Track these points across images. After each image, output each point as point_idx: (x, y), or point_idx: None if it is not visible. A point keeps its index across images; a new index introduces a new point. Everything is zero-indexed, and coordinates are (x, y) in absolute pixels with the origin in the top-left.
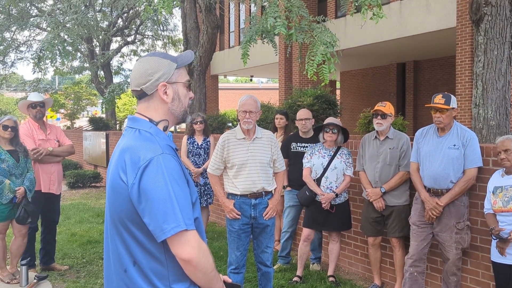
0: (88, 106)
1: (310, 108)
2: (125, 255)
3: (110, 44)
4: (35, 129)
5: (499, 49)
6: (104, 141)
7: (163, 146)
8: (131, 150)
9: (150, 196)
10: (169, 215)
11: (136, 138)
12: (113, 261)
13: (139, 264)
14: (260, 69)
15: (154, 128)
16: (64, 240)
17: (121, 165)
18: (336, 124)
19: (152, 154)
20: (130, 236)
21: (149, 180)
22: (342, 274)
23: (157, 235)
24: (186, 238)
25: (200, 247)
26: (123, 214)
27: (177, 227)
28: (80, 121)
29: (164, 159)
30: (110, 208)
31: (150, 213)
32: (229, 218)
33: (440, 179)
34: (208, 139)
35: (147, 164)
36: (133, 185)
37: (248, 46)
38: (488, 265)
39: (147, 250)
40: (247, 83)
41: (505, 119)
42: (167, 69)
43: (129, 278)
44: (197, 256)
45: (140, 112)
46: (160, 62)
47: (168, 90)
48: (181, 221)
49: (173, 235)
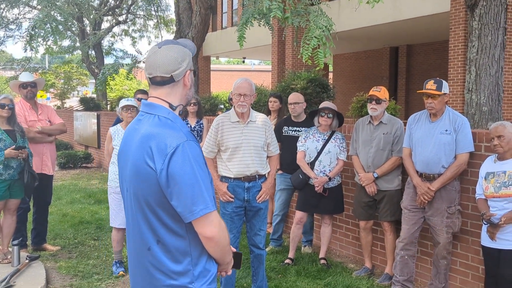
0: (78, 86)
1: (303, 92)
2: (149, 235)
3: (101, 24)
4: (26, 110)
5: (493, 35)
6: (95, 121)
7: (186, 133)
8: (156, 138)
9: (179, 180)
10: (198, 198)
11: (158, 125)
12: (136, 240)
13: (163, 242)
14: (253, 51)
15: (172, 114)
16: (56, 221)
17: (146, 152)
18: (331, 108)
19: (178, 141)
20: (155, 217)
21: (177, 166)
22: (333, 256)
23: (186, 217)
24: (211, 218)
25: (220, 225)
26: (150, 197)
27: (206, 209)
28: (71, 101)
29: (189, 145)
30: (135, 191)
31: (178, 196)
32: (222, 201)
33: (432, 164)
34: (201, 121)
35: (174, 151)
36: (162, 171)
37: (244, 28)
38: (477, 249)
39: (170, 229)
40: (240, 65)
41: (498, 105)
42: (190, 57)
43: (152, 255)
44: (218, 234)
45: (159, 97)
46: (184, 50)
47: (190, 77)
48: (209, 203)
49: (201, 216)
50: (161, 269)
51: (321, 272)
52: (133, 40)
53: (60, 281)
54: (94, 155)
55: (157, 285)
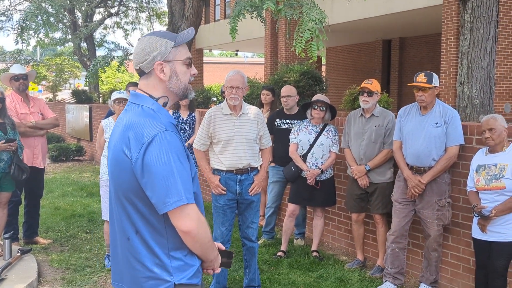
0: (70, 79)
1: (296, 84)
2: (127, 225)
3: (93, 16)
4: (18, 102)
5: (485, 28)
6: (88, 114)
7: (166, 124)
8: (135, 127)
9: (154, 171)
10: (172, 190)
11: (140, 114)
12: (118, 229)
13: (141, 233)
14: (245, 44)
15: (156, 105)
16: (48, 214)
17: (125, 141)
18: (324, 101)
19: (156, 131)
20: (132, 207)
21: (153, 156)
22: (325, 249)
23: (159, 208)
24: (187, 211)
25: (199, 219)
26: (126, 187)
27: (178, 201)
28: (63, 93)
29: (167, 136)
30: (113, 181)
31: (153, 187)
32: (214, 193)
33: (422, 157)
34: (194, 114)
35: (151, 140)
36: (137, 160)
37: (236, 21)
38: (468, 242)
39: (148, 221)
40: (232, 58)
41: (489, 97)
42: (163, 47)
43: (131, 245)
44: (196, 228)
45: (141, 88)
46: (157, 41)
47: (165, 69)
48: (183, 195)
49: (175, 208)
50: (140, 260)
51: (313, 264)
52: (126, 33)
53: (52, 274)
54: (86, 148)
55: (137, 276)
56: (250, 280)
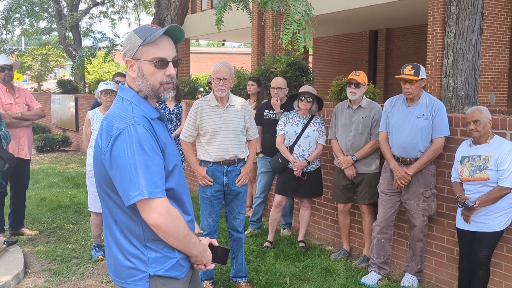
0: (56, 68)
1: (283, 75)
2: (108, 214)
3: (79, 5)
4: (3, 93)
5: (471, 20)
6: (73, 104)
7: (137, 117)
8: (108, 119)
9: (119, 164)
10: (133, 184)
11: (118, 107)
12: (103, 218)
13: (119, 223)
14: (232, 34)
15: (137, 98)
16: (34, 205)
17: (100, 132)
18: (311, 92)
19: (124, 124)
20: (108, 197)
21: (119, 149)
22: (311, 239)
23: (124, 201)
24: (153, 205)
25: (168, 213)
26: (101, 178)
27: (139, 196)
28: (48, 83)
29: (135, 129)
30: (95, 171)
31: (119, 180)
32: (201, 184)
33: (408, 149)
34: (180, 104)
35: (119, 133)
36: (106, 152)
37: (222, 12)
38: (453, 232)
39: (124, 211)
40: (219, 47)
41: (474, 89)
42: (132, 45)
43: (113, 234)
44: (164, 222)
45: (126, 80)
46: (129, 37)
47: (134, 66)
48: (144, 190)
49: (139, 201)
50: (120, 249)
51: (299, 254)
52: (113, 22)
53: (38, 265)
54: (72, 138)
55: (117, 265)
56: (237, 270)
